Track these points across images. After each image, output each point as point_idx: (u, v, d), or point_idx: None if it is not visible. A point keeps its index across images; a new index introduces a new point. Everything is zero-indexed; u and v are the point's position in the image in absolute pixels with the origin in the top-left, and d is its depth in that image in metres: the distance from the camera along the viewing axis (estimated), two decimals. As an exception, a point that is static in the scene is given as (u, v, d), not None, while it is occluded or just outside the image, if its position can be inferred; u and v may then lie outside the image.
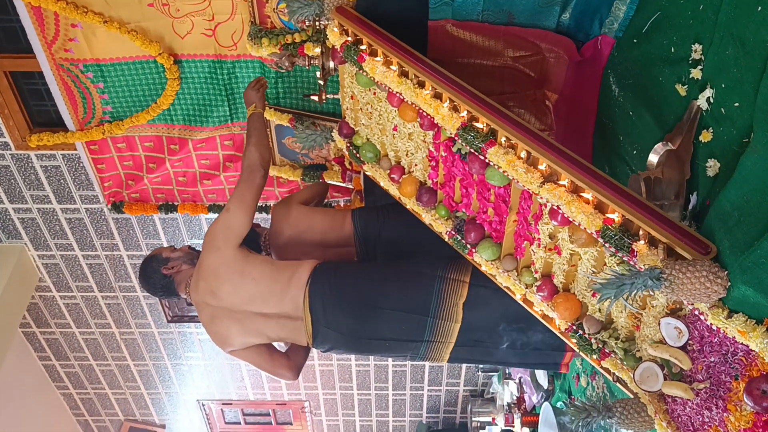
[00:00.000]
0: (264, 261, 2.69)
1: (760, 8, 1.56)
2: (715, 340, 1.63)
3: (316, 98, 2.96)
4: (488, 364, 2.86)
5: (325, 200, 4.16)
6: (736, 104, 1.70)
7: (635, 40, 2.33)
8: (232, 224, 2.64)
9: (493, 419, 5.87)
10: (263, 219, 4.46)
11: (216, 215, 4.34)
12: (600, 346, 2.07)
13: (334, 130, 3.04)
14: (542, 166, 1.93)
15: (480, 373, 6.36)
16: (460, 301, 2.58)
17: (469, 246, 2.44)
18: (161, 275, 2.82)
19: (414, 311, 2.61)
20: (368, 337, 2.68)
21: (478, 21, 2.51)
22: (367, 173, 2.87)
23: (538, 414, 4.19)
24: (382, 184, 2.80)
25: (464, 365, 6.32)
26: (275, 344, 2.89)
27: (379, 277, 2.67)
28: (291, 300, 2.65)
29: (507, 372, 5.55)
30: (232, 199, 2.68)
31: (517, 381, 5.23)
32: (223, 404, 7.00)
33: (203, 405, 6.98)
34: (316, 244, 2.96)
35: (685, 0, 1.98)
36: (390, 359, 6.25)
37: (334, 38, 2.52)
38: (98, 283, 5.51)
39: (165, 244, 5.09)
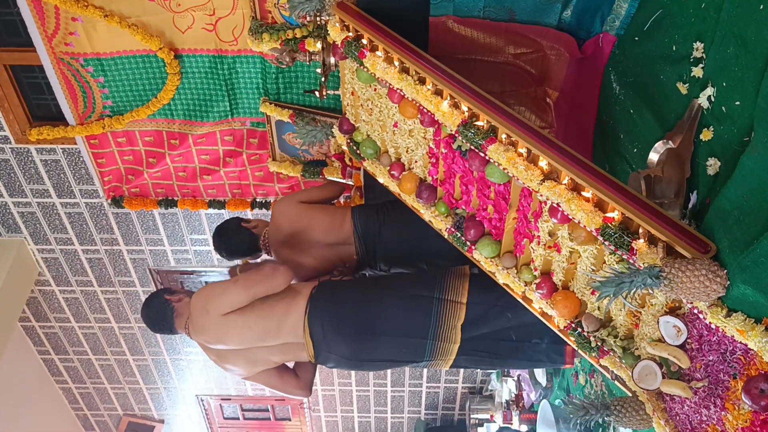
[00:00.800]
0: (254, 305, 2.66)
1: (762, 7, 1.55)
2: (714, 338, 1.63)
3: (316, 94, 2.96)
4: (490, 369, 2.90)
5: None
6: (737, 103, 1.69)
7: (636, 38, 2.33)
8: (230, 298, 2.62)
9: (492, 416, 5.88)
10: (263, 215, 4.46)
11: (216, 211, 4.35)
12: (599, 344, 2.07)
13: (334, 126, 3.03)
14: (542, 164, 1.93)
15: (478, 370, 6.37)
16: (458, 324, 2.62)
17: (468, 243, 2.44)
18: (162, 300, 2.80)
19: (413, 335, 2.64)
20: (369, 360, 2.73)
21: (479, 17, 2.51)
22: (367, 169, 2.87)
23: (537, 411, 4.20)
24: (381, 180, 2.79)
25: (463, 363, 6.35)
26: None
27: (376, 302, 2.68)
28: (291, 330, 2.68)
29: (505, 369, 5.55)
30: (247, 278, 2.65)
31: (515, 378, 5.23)
32: (221, 400, 7.01)
33: (202, 400, 6.99)
34: (315, 242, 2.96)
35: (687, -2, 1.98)
36: (389, 380, 6.36)
37: (335, 34, 2.52)
38: (98, 277, 5.51)
39: (165, 239, 5.10)
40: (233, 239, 3.08)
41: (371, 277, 2.94)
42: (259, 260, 3.09)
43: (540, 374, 4.53)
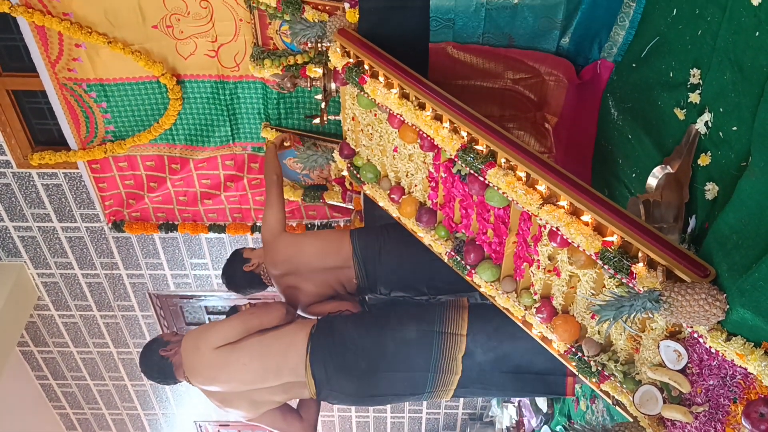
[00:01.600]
0: (250, 343, 2.67)
1: (758, 33, 1.58)
2: (714, 363, 1.62)
3: (317, 119, 2.98)
4: (492, 398, 2.90)
5: (326, 220, 4.18)
6: (734, 128, 1.71)
7: (634, 65, 2.35)
8: (221, 332, 2.66)
9: (492, 443, 5.82)
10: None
11: (216, 235, 4.35)
12: (599, 368, 2.07)
13: (335, 151, 3.05)
14: (542, 188, 1.94)
15: (479, 397, 6.32)
16: (459, 356, 2.63)
17: (468, 267, 2.44)
18: (158, 356, 2.79)
19: (415, 370, 2.66)
20: (371, 395, 2.74)
21: (478, 43, 2.54)
22: (367, 194, 2.88)
23: (538, 438, 4.16)
24: (381, 204, 2.80)
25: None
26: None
27: (378, 340, 2.69)
28: (292, 370, 2.68)
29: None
30: (238, 314, 2.70)
31: (516, 404, 5.19)
32: (220, 426, 6.94)
33: (200, 426, 6.92)
34: (313, 267, 2.94)
35: (684, 25, 2.00)
36: (389, 407, 6.33)
37: (336, 60, 2.54)
38: (97, 302, 5.49)
39: (165, 264, 5.09)
40: (241, 284, 3.11)
41: (371, 313, 2.92)
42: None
43: (541, 400, 4.50)
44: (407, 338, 2.67)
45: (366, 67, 2.44)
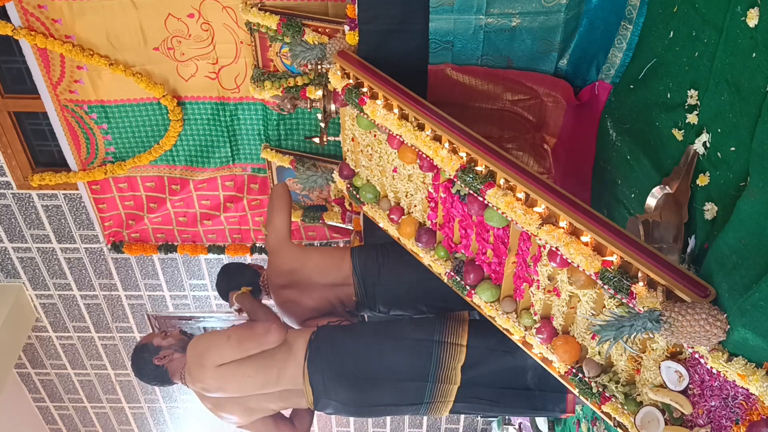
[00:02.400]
0: (253, 356, 2.64)
1: (754, 55, 1.59)
2: (716, 384, 1.61)
3: (317, 140, 2.99)
4: (490, 415, 2.86)
5: (326, 241, 4.18)
6: (732, 149, 1.72)
7: (632, 86, 2.37)
8: (223, 354, 2.61)
9: (493, 466, 5.77)
10: (263, 260, 4.46)
11: (215, 256, 4.35)
12: (600, 389, 2.05)
13: (334, 172, 3.06)
14: (541, 208, 1.94)
15: (479, 418, 6.27)
16: (458, 365, 2.61)
17: (468, 287, 2.44)
18: (153, 366, 2.76)
19: (413, 379, 2.64)
20: (369, 405, 2.71)
21: (477, 65, 2.56)
22: (366, 214, 2.89)
23: (539, 461, 4.12)
24: (381, 224, 2.81)
25: (463, 410, 6.24)
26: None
27: (376, 348, 2.68)
28: (290, 378, 2.67)
29: (506, 417, 5.47)
30: (238, 337, 2.63)
31: (516, 426, 5.15)
32: (218, 449, 6.88)
33: (198, 449, 6.86)
34: (313, 283, 2.95)
35: (681, 47, 2.02)
36: None
37: (336, 81, 2.56)
38: (95, 323, 5.47)
39: (164, 285, 5.08)
40: (234, 279, 3.07)
41: (370, 323, 2.92)
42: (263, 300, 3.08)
43: (542, 422, 4.46)
44: (406, 347, 2.64)
45: (365, 88, 2.46)
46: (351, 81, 2.52)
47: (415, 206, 2.62)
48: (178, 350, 2.79)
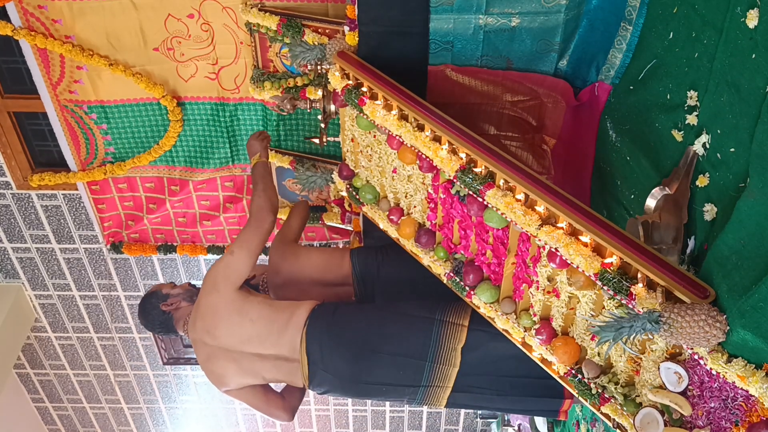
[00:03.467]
0: (262, 302, 2.67)
1: (754, 56, 1.59)
2: (715, 385, 1.61)
3: (316, 141, 2.99)
4: (486, 410, 2.84)
5: (325, 242, 4.18)
6: (732, 149, 1.72)
7: (631, 87, 2.37)
8: (234, 267, 2.63)
9: (492, 468, 5.77)
10: (262, 260, 4.46)
11: (215, 257, 4.34)
12: (599, 391, 2.05)
13: (334, 172, 3.06)
14: (540, 209, 1.94)
15: (479, 419, 6.27)
16: (459, 346, 2.56)
17: (467, 288, 2.44)
18: (160, 311, 2.81)
19: (412, 356, 2.59)
20: (365, 382, 2.65)
21: (477, 66, 2.56)
22: (366, 215, 2.89)
23: (538, 462, 4.12)
24: (381, 225, 2.81)
25: (462, 411, 6.23)
26: (272, 384, 2.87)
27: (377, 321, 2.65)
28: (288, 342, 2.63)
29: (506, 418, 5.47)
30: (238, 241, 2.69)
31: (516, 428, 5.15)
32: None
33: (197, 451, 6.86)
34: (313, 283, 2.96)
35: (681, 48, 2.02)
36: (387, 403, 6.17)
37: (336, 82, 2.56)
38: (94, 323, 5.47)
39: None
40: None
41: (372, 301, 2.92)
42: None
43: (541, 423, 4.46)
44: (407, 322, 2.62)
45: (365, 89, 2.46)
46: (351, 81, 2.52)
47: (415, 207, 2.62)
48: (185, 299, 2.83)
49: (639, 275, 1.71)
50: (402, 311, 2.67)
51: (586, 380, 2.09)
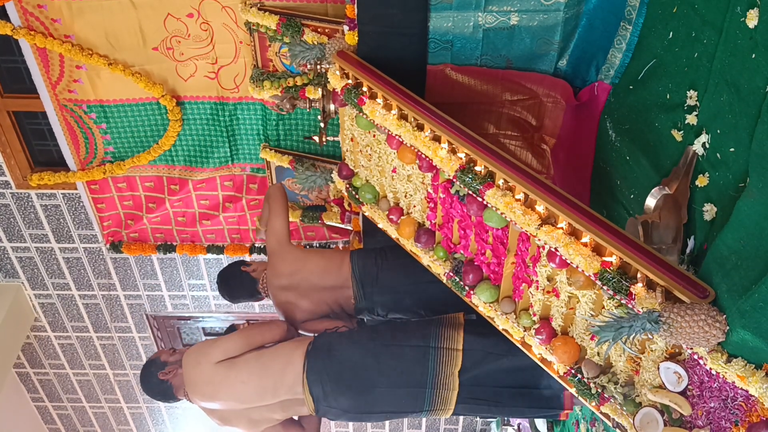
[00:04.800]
0: (247, 360, 2.68)
1: (754, 55, 1.59)
2: (715, 385, 1.61)
3: (316, 140, 2.99)
4: (490, 417, 2.87)
5: (325, 241, 4.18)
6: (732, 149, 1.72)
7: (631, 87, 2.37)
8: (223, 346, 2.69)
9: (492, 467, 5.76)
10: (262, 260, 4.46)
11: (214, 256, 4.34)
12: (599, 390, 2.05)
13: (333, 172, 3.06)
14: (540, 209, 1.94)
15: (478, 418, 6.26)
16: (455, 370, 2.62)
17: (467, 288, 2.44)
18: (158, 380, 2.81)
19: (412, 385, 2.64)
20: (369, 412, 2.73)
21: (476, 65, 2.56)
22: (366, 214, 2.88)
23: (537, 461, 4.12)
24: (380, 225, 2.81)
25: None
26: None
27: (373, 356, 2.68)
28: (288, 389, 2.68)
29: (505, 418, 5.47)
30: (240, 330, 2.75)
31: (515, 427, 5.15)
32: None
33: (197, 450, 6.86)
34: (313, 285, 2.96)
35: (680, 48, 2.02)
36: None
37: (335, 81, 2.56)
38: (94, 323, 5.47)
39: (163, 285, 5.08)
40: (232, 282, 3.14)
41: (366, 330, 2.91)
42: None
43: (540, 423, 4.46)
44: (402, 354, 2.65)
45: (365, 88, 2.46)
46: (350, 81, 2.52)
47: (415, 206, 2.62)
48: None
49: (639, 275, 1.71)
50: (396, 343, 2.70)
51: (585, 380, 2.09)
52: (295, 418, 2.91)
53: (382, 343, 2.70)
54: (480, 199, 2.10)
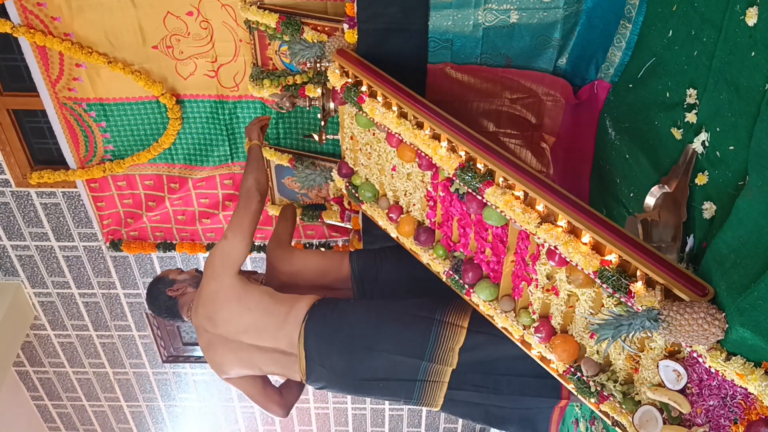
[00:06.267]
0: (263, 292, 2.69)
1: (753, 54, 1.59)
2: (714, 383, 1.61)
3: (316, 138, 2.99)
4: (483, 407, 2.82)
5: (324, 240, 4.18)
6: (731, 147, 1.72)
7: (631, 85, 2.37)
8: (230, 251, 2.67)
9: (491, 466, 5.77)
10: (261, 258, 4.46)
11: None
12: (598, 388, 2.05)
13: (333, 170, 3.06)
14: (540, 207, 1.94)
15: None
16: (457, 347, 2.57)
17: (466, 286, 2.44)
18: (166, 297, 2.84)
19: (409, 354, 2.59)
20: (361, 378, 2.66)
21: (476, 63, 2.56)
22: (365, 213, 2.88)
23: (537, 460, 4.11)
24: (380, 223, 2.81)
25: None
26: (271, 378, 2.87)
27: (376, 318, 2.65)
28: (286, 335, 2.64)
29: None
30: (230, 226, 2.72)
31: (515, 426, 5.15)
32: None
33: (196, 448, 6.86)
34: (312, 286, 2.95)
35: (680, 46, 2.02)
36: (386, 402, 6.17)
37: (335, 80, 2.56)
38: (93, 321, 5.47)
39: (162, 283, 5.07)
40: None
41: (372, 298, 2.92)
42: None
43: (540, 422, 4.46)
44: (406, 321, 2.61)
45: (364, 86, 2.46)
46: (350, 79, 2.52)
47: (414, 205, 2.62)
48: (191, 285, 2.87)
49: (638, 273, 1.71)
50: (402, 310, 2.67)
51: (585, 378, 2.10)
52: (279, 381, 2.88)
53: (386, 308, 2.68)
54: (480, 198, 2.10)
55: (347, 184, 2.94)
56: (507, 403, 2.66)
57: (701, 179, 1.86)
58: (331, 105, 2.76)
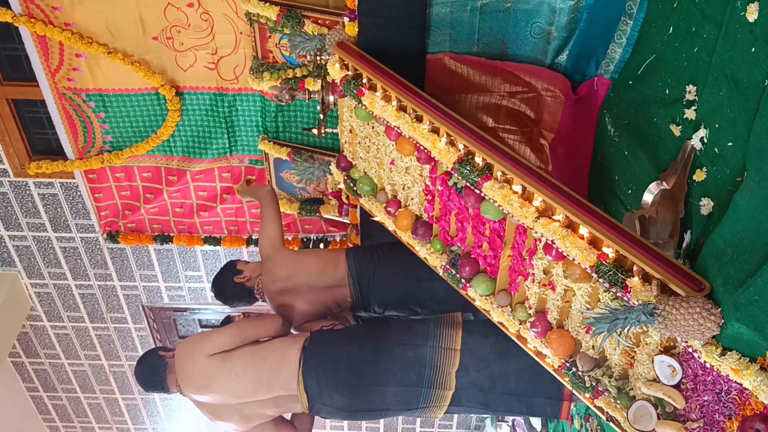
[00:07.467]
0: (243, 353, 2.66)
1: (753, 49, 1.59)
2: (709, 378, 1.62)
3: (315, 132, 2.99)
4: (485, 415, 2.86)
5: (322, 234, 4.18)
6: (730, 144, 1.72)
7: (630, 82, 2.37)
8: (217, 339, 2.66)
9: (486, 463, 5.77)
10: (254, 252, 4.45)
11: (211, 247, 4.34)
12: (593, 384, 2.06)
13: (332, 164, 3.06)
14: (537, 201, 1.94)
15: (472, 414, 6.27)
16: (453, 371, 2.61)
17: (463, 280, 2.44)
18: (157, 356, 2.80)
19: (408, 384, 2.63)
20: (363, 410, 2.71)
21: (474, 52, 2.56)
22: (363, 207, 2.88)
23: (531, 457, 4.13)
24: (378, 217, 2.80)
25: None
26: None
27: (371, 354, 2.66)
28: (283, 384, 2.66)
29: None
30: (236, 323, 2.73)
31: (510, 423, 5.16)
32: (211, 442, 6.88)
33: (191, 442, 6.86)
34: (309, 287, 2.94)
35: (680, 43, 2.02)
36: None
37: (335, 72, 2.56)
38: (90, 313, 5.46)
39: (159, 276, 5.07)
40: (229, 295, 3.12)
41: (364, 327, 2.90)
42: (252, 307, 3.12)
43: (535, 419, 4.47)
44: (400, 352, 2.64)
45: (364, 79, 2.46)
46: (350, 72, 2.52)
47: (412, 199, 2.62)
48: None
49: (635, 268, 1.71)
50: (394, 342, 2.68)
51: (580, 373, 2.10)
52: (288, 416, 2.90)
53: (380, 341, 2.69)
54: (477, 192, 2.10)
55: (345, 178, 2.94)
56: (509, 410, 2.69)
57: (699, 175, 1.87)
58: (331, 98, 2.75)
